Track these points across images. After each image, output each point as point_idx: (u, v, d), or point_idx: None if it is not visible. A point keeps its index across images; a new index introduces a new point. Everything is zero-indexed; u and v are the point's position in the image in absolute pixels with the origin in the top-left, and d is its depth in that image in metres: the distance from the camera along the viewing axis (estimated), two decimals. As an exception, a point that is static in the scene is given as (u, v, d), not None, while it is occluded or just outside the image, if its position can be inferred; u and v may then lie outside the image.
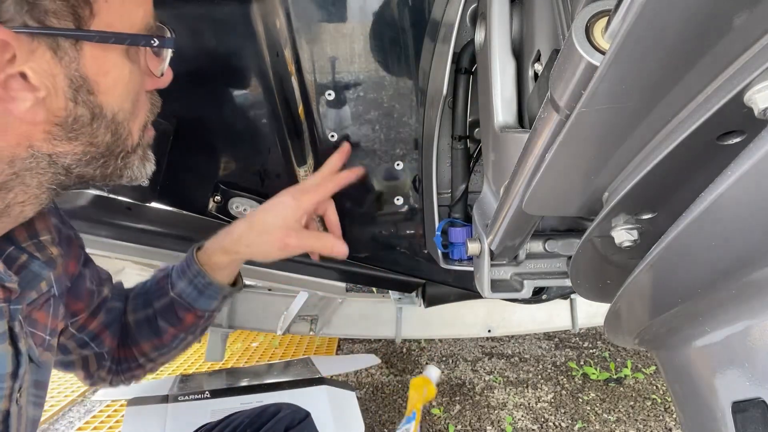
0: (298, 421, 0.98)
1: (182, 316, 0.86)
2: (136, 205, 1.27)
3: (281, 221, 0.84)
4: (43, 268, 0.64)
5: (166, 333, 0.87)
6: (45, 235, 0.67)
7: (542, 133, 0.42)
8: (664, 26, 0.28)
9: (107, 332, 0.85)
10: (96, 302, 0.83)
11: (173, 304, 0.86)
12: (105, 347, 0.86)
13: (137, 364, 0.90)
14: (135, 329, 0.88)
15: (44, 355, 0.67)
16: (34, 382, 0.66)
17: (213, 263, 0.86)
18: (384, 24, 0.87)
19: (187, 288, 0.85)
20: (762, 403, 0.35)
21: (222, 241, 0.85)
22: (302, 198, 0.85)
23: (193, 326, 0.89)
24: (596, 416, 2.20)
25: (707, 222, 0.33)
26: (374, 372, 2.64)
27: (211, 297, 0.87)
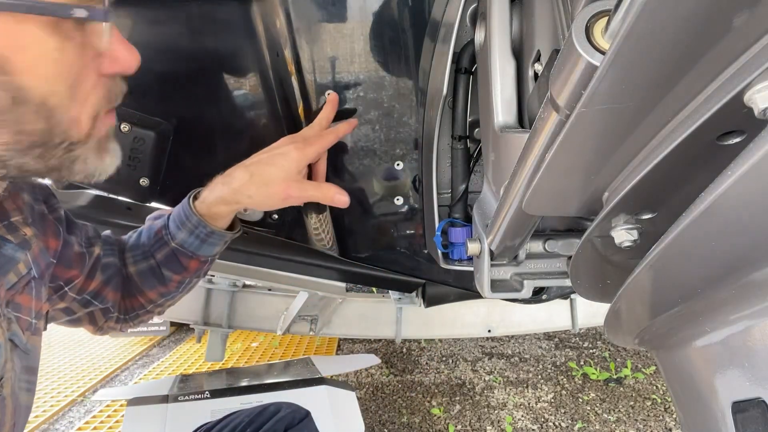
0: (299, 420, 0.98)
1: (186, 264, 0.87)
2: (136, 205, 1.27)
3: (284, 173, 0.81)
4: (16, 251, 0.61)
5: (171, 281, 0.88)
6: (16, 215, 0.64)
7: (542, 133, 0.42)
8: (664, 26, 0.28)
9: (108, 288, 0.85)
10: (89, 264, 0.82)
11: (175, 253, 0.86)
12: (109, 302, 0.86)
13: (145, 311, 0.92)
14: (139, 280, 0.88)
15: (32, 340, 0.66)
16: (25, 369, 0.64)
17: (213, 213, 0.84)
18: (384, 24, 0.87)
19: (188, 238, 0.85)
20: (762, 403, 0.35)
21: (221, 191, 0.83)
22: (306, 149, 0.83)
23: (197, 271, 0.89)
24: (596, 416, 2.20)
25: (707, 222, 0.33)
26: (374, 372, 2.64)
27: (214, 244, 0.87)
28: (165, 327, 2.98)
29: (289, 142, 0.85)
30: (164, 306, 0.93)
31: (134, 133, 0.94)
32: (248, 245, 1.26)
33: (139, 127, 0.94)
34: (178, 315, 2.09)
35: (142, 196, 1.02)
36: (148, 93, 0.96)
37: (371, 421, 2.18)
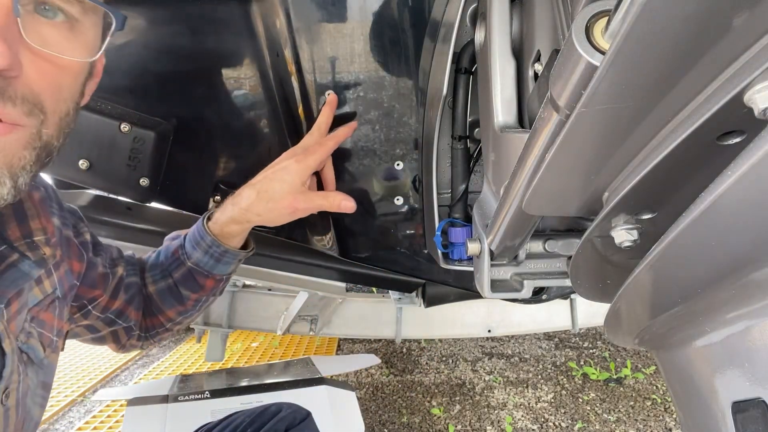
0: (299, 420, 0.98)
1: (202, 282, 0.89)
2: (136, 205, 1.27)
3: (288, 187, 0.83)
4: (32, 268, 0.61)
5: (189, 299, 0.90)
6: (39, 235, 0.64)
7: (542, 133, 0.42)
8: (664, 26, 0.28)
9: (131, 307, 0.88)
10: (113, 284, 0.84)
11: (192, 273, 0.88)
12: (132, 321, 0.88)
13: (164, 329, 0.94)
14: (158, 299, 0.91)
15: (51, 357, 0.68)
16: (41, 384, 0.66)
17: (225, 233, 0.87)
18: (384, 24, 0.87)
19: (203, 257, 0.87)
20: (762, 403, 0.35)
21: (231, 211, 0.86)
22: (306, 160, 0.84)
23: (213, 289, 0.92)
24: (596, 416, 2.20)
25: (707, 222, 0.33)
26: (374, 372, 2.64)
27: (228, 263, 0.89)
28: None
29: (289, 155, 0.86)
30: (182, 324, 0.96)
31: (134, 133, 0.94)
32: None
33: (139, 127, 0.94)
34: (178, 315, 2.08)
35: (142, 196, 1.02)
36: (148, 93, 0.96)
37: (371, 421, 2.18)
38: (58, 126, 0.54)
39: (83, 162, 0.94)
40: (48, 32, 0.50)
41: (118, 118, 0.93)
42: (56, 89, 0.52)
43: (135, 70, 0.94)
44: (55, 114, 0.53)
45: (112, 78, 0.94)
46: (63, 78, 0.53)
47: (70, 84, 0.55)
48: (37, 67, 0.49)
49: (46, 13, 0.49)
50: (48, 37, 0.50)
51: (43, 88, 0.50)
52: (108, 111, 0.94)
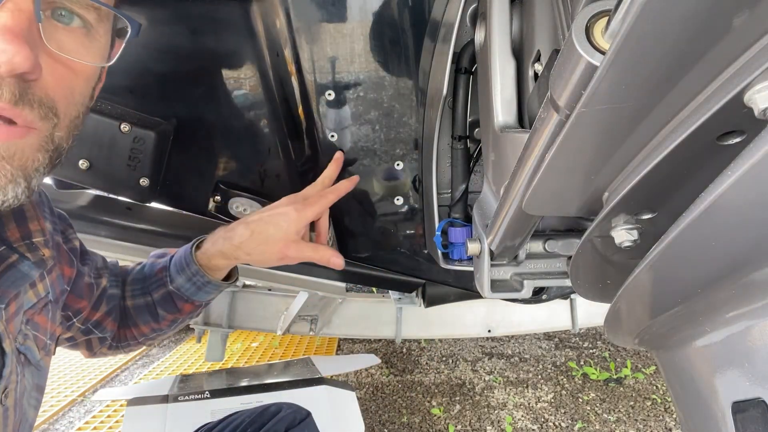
0: (299, 420, 0.98)
1: (180, 306, 0.90)
2: (136, 205, 1.27)
3: (282, 234, 0.85)
4: (32, 269, 0.62)
5: (164, 319, 0.91)
6: (38, 236, 0.65)
7: (542, 133, 0.42)
8: (664, 26, 0.28)
9: (109, 319, 0.88)
10: (96, 295, 0.85)
11: (171, 295, 0.89)
12: (108, 332, 0.89)
13: (136, 341, 0.95)
14: (135, 314, 0.91)
15: (45, 360, 0.68)
16: (35, 386, 0.66)
17: (212, 265, 0.89)
18: (384, 24, 0.87)
19: (185, 284, 0.88)
20: (762, 403, 0.35)
21: (222, 246, 0.87)
22: (305, 210, 0.86)
23: (190, 313, 0.93)
24: (596, 416, 2.20)
25: (707, 222, 0.33)
26: (374, 372, 2.64)
27: (209, 292, 0.90)
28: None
29: (289, 202, 0.88)
30: (154, 340, 0.97)
31: (134, 133, 0.94)
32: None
33: (139, 127, 0.94)
34: (178, 315, 2.08)
35: (142, 196, 1.02)
36: (148, 93, 0.96)
37: (371, 421, 2.18)
38: (69, 129, 0.55)
39: (83, 162, 0.94)
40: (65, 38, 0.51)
41: (118, 118, 0.93)
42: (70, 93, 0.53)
43: (135, 70, 0.94)
44: (66, 118, 0.54)
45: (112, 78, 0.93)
46: (77, 82, 0.54)
47: (82, 88, 0.56)
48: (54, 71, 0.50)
49: (63, 19, 0.51)
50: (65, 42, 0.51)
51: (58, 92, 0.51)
52: (108, 111, 0.94)
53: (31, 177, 0.51)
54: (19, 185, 0.49)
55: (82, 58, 0.52)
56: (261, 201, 1.04)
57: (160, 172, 1.00)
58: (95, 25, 0.54)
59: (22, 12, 0.46)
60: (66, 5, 0.51)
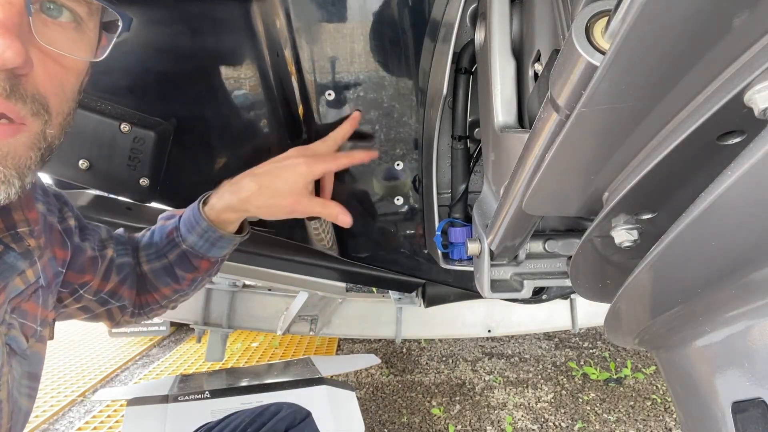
0: (299, 420, 0.98)
1: (197, 264, 0.89)
2: (136, 205, 1.27)
3: (290, 186, 0.83)
4: (18, 260, 0.61)
5: (184, 279, 0.91)
6: (23, 226, 0.63)
7: (542, 133, 0.42)
8: (664, 26, 0.28)
9: (124, 287, 0.88)
10: (103, 267, 0.84)
11: (187, 255, 0.88)
12: (125, 299, 0.89)
13: (159, 305, 0.94)
14: (153, 278, 0.91)
15: (35, 346, 0.66)
16: (27, 374, 0.65)
17: (222, 220, 0.86)
18: (384, 24, 0.87)
19: (198, 241, 0.87)
20: (762, 403, 0.35)
21: (229, 199, 0.85)
22: (315, 166, 0.84)
23: (208, 270, 0.92)
24: (596, 416, 2.20)
25: (707, 222, 0.33)
26: (374, 372, 2.64)
27: (223, 247, 0.89)
28: (165, 327, 2.98)
29: (298, 154, 0.86)
30: (177, 301, 0.97)
31: (134, 133, 0.94)
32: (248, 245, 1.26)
33: (139, 127, 0.94)
34: (178, 315, 2.09)
35: (142, 196, 1.02)
36: (148, 93, 0.96)
37: (371, 421, 2.18)
38: (61, 126, 0.54)
39: (83, 162, 0.94)
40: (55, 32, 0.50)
41: (118, 118, 0.93)
42: (61, 90, 0.53)
43: (135, 70, 0.94)
44: (59, 115, 0.53)
45: (112, 78, 0.94)
46: (68, 78, 0.53)
47: (73, 84, 0.55)
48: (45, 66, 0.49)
49: (52, 12, 0.50)
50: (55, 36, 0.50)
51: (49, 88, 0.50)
52: (108, 111, 0.94)
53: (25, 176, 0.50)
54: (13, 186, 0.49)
55: (73, 52, 0.51)
56: (261, 201, 1.04)
57: (160, 172, 1.00)
58: (85, 19, 0.53)
59: (12, 5, 0.45)
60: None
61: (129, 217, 1.29)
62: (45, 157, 0.53)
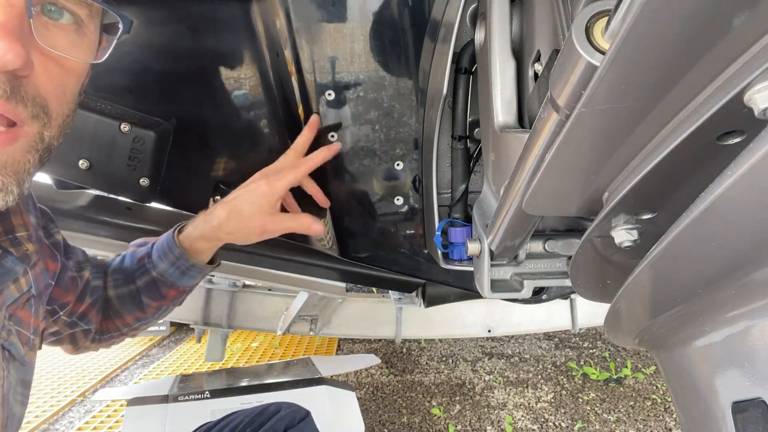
0: (299, 420, 0.98)
1: (165, 292, 0.89)
2: (136, 205, 1.27)
3: (257, 209, 0.84)
4: (16, 264, 0.61)
5: (149, 307, 0.90)
6: (21, 231, 0.64)
7: (542, 133, 0.42)
8: (664, 26, 0.28)
9: (94, 310, 0.88)
10: (80, 287, 0.84)
11: (156, 282, 0.88)
12: (92, 324, 0.88)
13: (119, 333, 0.93)
14: (118, 303, 0.90)
15: (29, 354, 0.67)
16: (21, 381, 0.65)
17: (195, 248, 0.88)
18: (384, 24, 0.87)
19: (169, 269, 0.87)
20: (762, 403, 0.35)
21: (202, 228, 0.87)
22: (276, 184, 0.85)
23: (175, 299, 0.92)
24: (596, 416, 2.20)
25: (707, 222, 0.33)
26: (374, 372, 2.64)
27: (193, 276, 0.90)
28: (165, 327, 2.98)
29: (261, 176, 0.88)
30: (139, 330, 0.95)
31: (134, 133, 0.94)
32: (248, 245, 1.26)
33: (139, 127, 0.94)
34: (178, 315, 2.09)
35: (142, 196, 1.02)
36: (148, 93, 0.96)
37: (371, 421, 2.18)
38: (60, 127, 0.54)
39: (83, 162, 0.94)
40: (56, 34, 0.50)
41: (118, 118, 0.93)
42: (62, 91, 0.52)
43: (135, 70, 0.94)
44: (59, 117, 0.53)
45: (112, 78, 0.94)
46: (68, 79, 0.53)
47: (73, 86, 0.55)
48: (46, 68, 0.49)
49: (53, 14, 0.49)
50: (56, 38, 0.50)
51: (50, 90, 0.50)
52: (108, 111, 0.94)
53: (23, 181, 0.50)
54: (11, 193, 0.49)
55: (73, 54, 0.51)
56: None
57: (160, 172, 1.00)
58: (86, 21, 0.53)
59: (13, 7, 0.44)
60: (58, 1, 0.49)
61: (129, 217, 1.29)
62: (43, 159, 0.53)
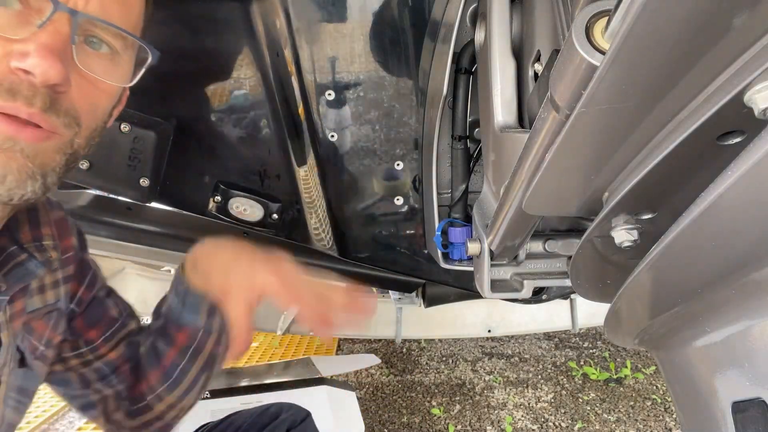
0: (300, 421, 0.98)
1: (173, 333, 0.82)
2: (136, 205, 1.27)
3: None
4: (38, 267, 0.66)
5: (165, 355, 0.83)
6: (48, 240, 0.70)
7: (542, 133, 0.42)
8: (664, 26, 0.28)
9: (127, 366, 0.83)
10: (119, 334, 0.82)
11: (166, 322, 0.84)
12: (125, 382, 0.83)
13: (145, 405, 0.84)
14: (144, 359, 0.85)
15: (34, 364, 0.69)
16: (17, 387, 0.66)
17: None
18: (384, 24, 0.87)
19: (173, 299, 0.82)
20: (762, 403, 0.35)
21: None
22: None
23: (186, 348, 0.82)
24: (596, 416, 2.20)
25: (707, 222, 0.33)
26: (374, 372, 2.64)
27: (194, 307, 0.81)
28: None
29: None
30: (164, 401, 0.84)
31: (134, 133, 0.94)
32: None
33: (139, 127, 0.94)
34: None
35: (142, 196, 1.02)
36: (148, 93, 0.96)
37: (371, 421, 2.18)
38: (88, 138, 0.62)
39: (83, 162, 0.94)
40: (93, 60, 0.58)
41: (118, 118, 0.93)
42: (93, 108, 0.60)
43: (135, 70, 0.94)
44: (87, 129, 0.60)
45: (112, 78, 0.94)
46: (100, 99, 0.61)
47: (104, 106, 0.63)
48: (81, 87, 0.57)
49: (94, 44, 0.58)
50: (93, 64, 0.58)
51: (83, 106, 0.58)
52: (108, 111, 0.94)
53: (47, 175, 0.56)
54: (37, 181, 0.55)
55: (106, 78, 0.60)
56: (261, 201, 1.04)
57: (160, 172, 1.00)
58: (120, 52, 0.61)
59: (60, 34, 0.53)
60: (98, 33, 0.58)
61: (129, 217, 1.29)
62: (70, 163, 0.60)
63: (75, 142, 0.59)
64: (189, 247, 0.90)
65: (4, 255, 0.63)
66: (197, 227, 1.29)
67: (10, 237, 0.65)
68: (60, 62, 0.52)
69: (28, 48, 0.51)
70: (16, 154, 0.53)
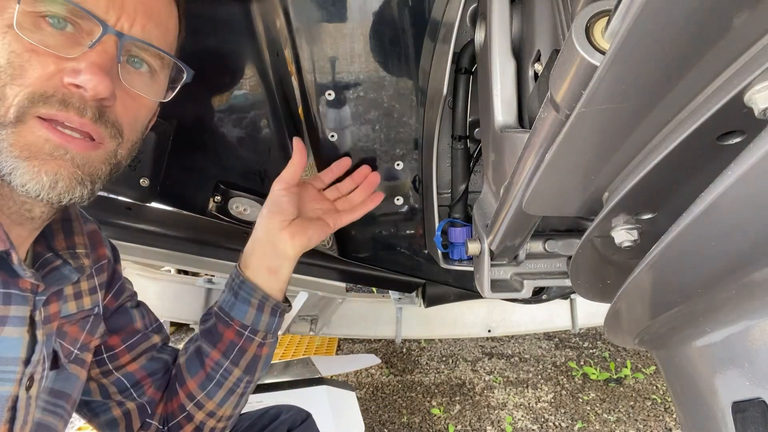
0: (300, 422, 0.98)
1: (221, 331, 0.83)
2: (136, 205, 1.27)
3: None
4: (72, 272, 0.70)
5: (208, 357, 0.83)
6: (81, 248, 0.75)
7: (542, 133, 0.42)
8: (664, 26, 0.28)
9: (150, 380, 0.84)
10: (142, 346, 0.85)
11: (216, 322, 0.85)
12: (146, 397, 0.84)
13: (185, 416, 0.84)
14: (185, 367, 0.85)
15: (70, 366, 0.71)
16: (49, 389, 0.68)
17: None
18: (384, 24, 0.87)
19: (227, 295, 0.85)
20: (762, 403, 0.35)
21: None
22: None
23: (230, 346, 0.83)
24: (596, 416, 2.20)
25: (707, 222, 0.33)
26: (374, 372, 2.64)
27: (245, 300, 0.83)
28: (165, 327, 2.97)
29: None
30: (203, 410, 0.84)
31: (134, 133, 0.94)
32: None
33: (139, 127, 0.94)
34: (178, 315, 2.09)
35: (142, 196, 1.02)
36: (148, 93, 0.96)
37: (371, 421, 2.18)
38: (129, 150, 0.68)
39: (83, 162, 0.94)
40: (135, 77, 0.65)
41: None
42: (134, 121, 0.67)
43: (135, 70, 0.94)
44: (129, 141, 0.67)
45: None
46: (140, 112, 0.67)
47: (143, 119, 0.69)
48: (124, 102, 0.64)
49: (135, 64, 0.65)
50: (135, 80, 0.65)
51: (125, 119, 0.64)
52: (108, 111, 0.93)
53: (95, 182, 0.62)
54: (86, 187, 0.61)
55: (146, 93, 0.66)
56: (261, 201, 1.04)
57: (160, 172, 1.00)
58: (158, 71, 0.68)
59: (108, 54, 0.59)
60: (140, 54, 0.65)
61: (129, 217, 1.29)
62: (113, 172, 0.66)
63: (118, 153, 0.65)
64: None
65: (41, 260, 0.68)
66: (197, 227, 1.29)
67: (46, 245, 0.71)
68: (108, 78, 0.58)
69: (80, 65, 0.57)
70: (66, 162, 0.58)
